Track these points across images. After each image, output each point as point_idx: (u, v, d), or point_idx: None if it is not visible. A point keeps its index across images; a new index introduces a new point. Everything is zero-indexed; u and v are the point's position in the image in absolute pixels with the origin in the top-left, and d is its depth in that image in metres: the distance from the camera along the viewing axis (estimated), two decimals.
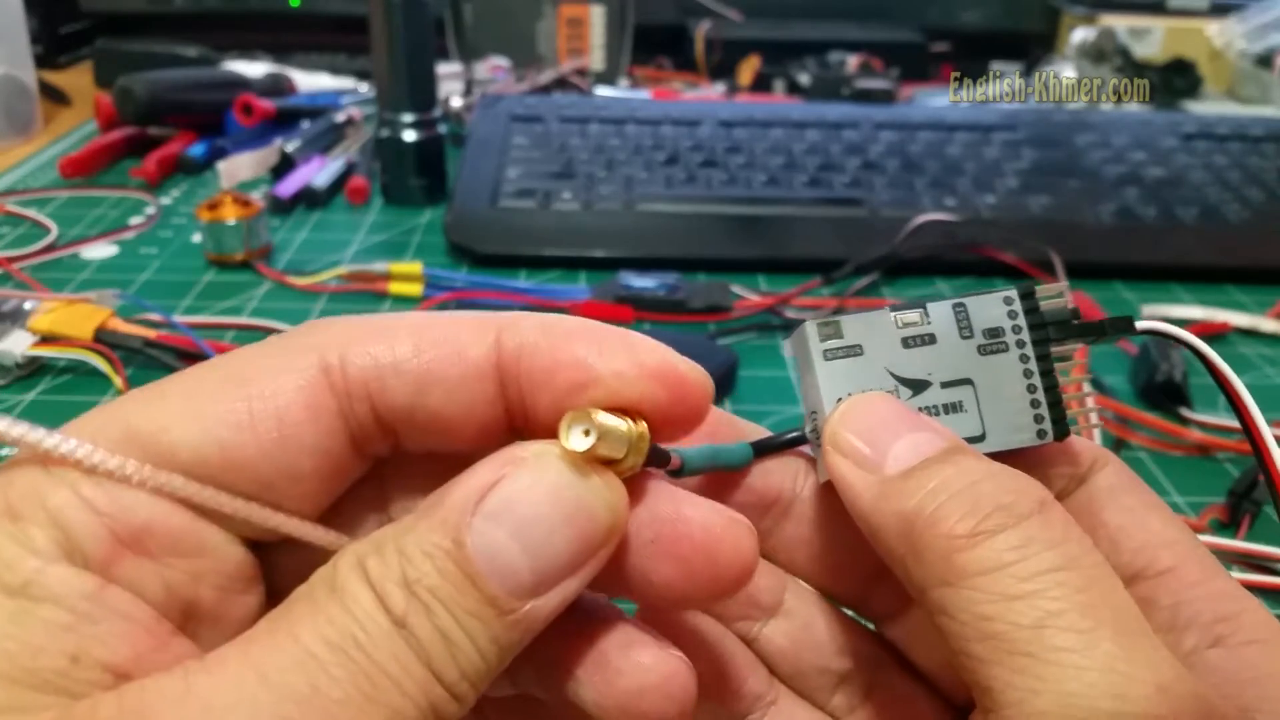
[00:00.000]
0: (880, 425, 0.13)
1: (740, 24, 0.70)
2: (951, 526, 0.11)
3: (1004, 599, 0.11)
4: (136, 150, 0.51)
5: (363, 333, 0.12)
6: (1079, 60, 0.63)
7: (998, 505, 0.11)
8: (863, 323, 0.14)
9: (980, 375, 0.14)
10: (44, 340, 0.31)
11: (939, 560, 0.11)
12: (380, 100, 0.45)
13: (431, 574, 0.11)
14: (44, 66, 0.64)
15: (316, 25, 0.70)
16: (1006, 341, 0.14)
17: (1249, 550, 0.24)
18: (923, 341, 0.14)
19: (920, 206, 0.42)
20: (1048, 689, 0.10)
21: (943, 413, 0.14)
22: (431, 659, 0.10)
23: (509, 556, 0.11)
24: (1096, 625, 0.11)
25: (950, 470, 0.12)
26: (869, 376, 0.14)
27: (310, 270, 0.39)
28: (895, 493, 0.12)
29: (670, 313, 0.36)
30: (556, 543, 0.11)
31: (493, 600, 0.11)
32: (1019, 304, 0.14)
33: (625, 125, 0.48)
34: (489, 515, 0.11)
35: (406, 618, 0.10)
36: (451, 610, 0.11)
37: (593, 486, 0.11)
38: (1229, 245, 0.41)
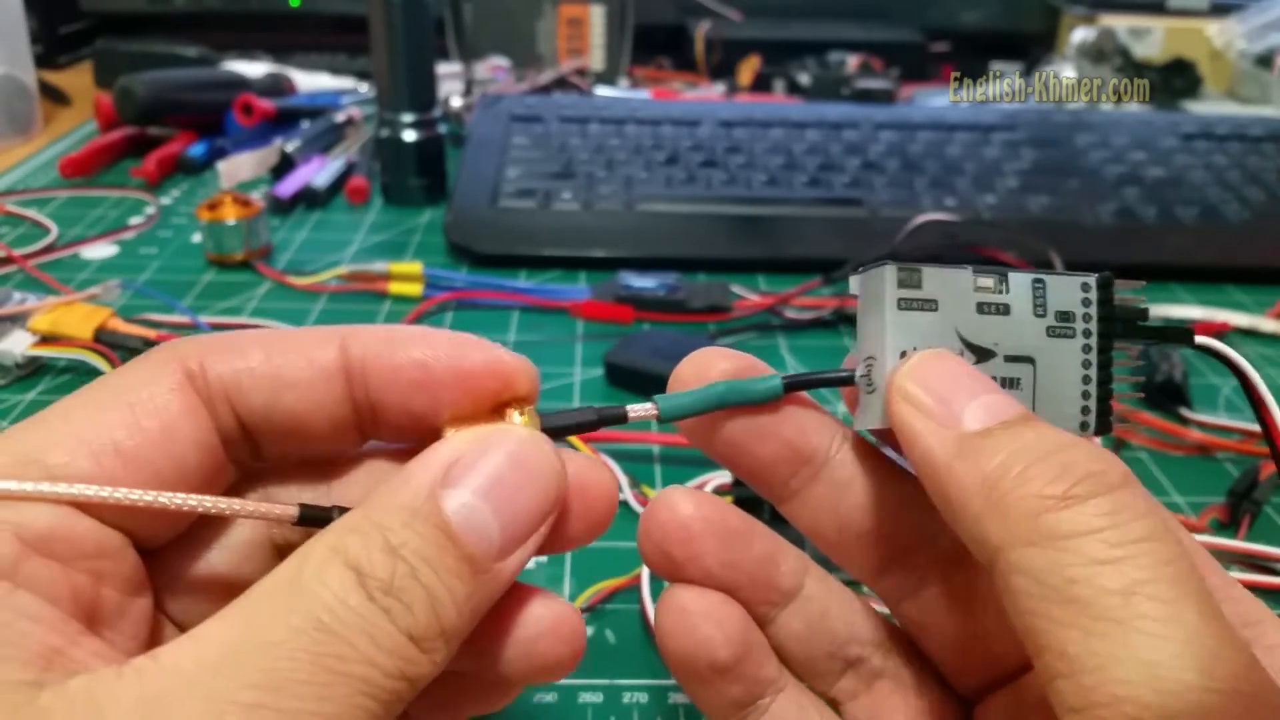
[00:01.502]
0: (954, 383, 0.13)
1: (740, 24, 0.70)
2: (1042, 488, 0.11)
3: (1094, 563, 0.11)
4: (136, 150, 0.51)
5: (217, 344, 0.13)
6: (1079, 60, 0.63)
7: (1088, 472, 0.11)
8: (942, 278, 0.13)
9: (1043, 356, 0.14)
10: (44, 340, 0.31)
11: (1024, 520, 0.11)
12: (380, 100, 0.45)
13: (413, 538, 0.11)
14: (44, 66, 0.64)
15: (316, 25, 0.70)
16: (1075, 328, 0.14)
17: (1249, 550, 0.24)
18: (997, 310, 0.13)
19: (920, 206, 0.42)
20: (1131, 656, 0.10)
21: (1000, 385, 0.13)
22: (413, 620, 0.11)
23: (481, 517, 0.12)
24: (1182, 597, 0.11)
25: (1033, 434, 0.12)
26: (937, 334, 0.13)
27: (310, 270, 0.39)
28: (975, 450, 0.12)
29: (670, 313, 0.36)
30: (520, 503, 0.12)
31: (470, 559, 0.11)
32: (1095, 292, 0.14)
33: (625, 125, 0.48)
34: (458, 482, 0.12)
35: (393, 581, 0.11)
36: (435, 569, 0.11)
37: (545, 452, 0.13)
38: (1229, 245, 0.41)
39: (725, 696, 0.14)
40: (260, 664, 0.10)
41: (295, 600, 0.11)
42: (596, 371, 0.32)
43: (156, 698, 0.10)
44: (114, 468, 0.12)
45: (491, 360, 0.13)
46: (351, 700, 0.10)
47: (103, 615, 0.12)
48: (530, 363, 0.14)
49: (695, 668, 0.14)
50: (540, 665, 0.13)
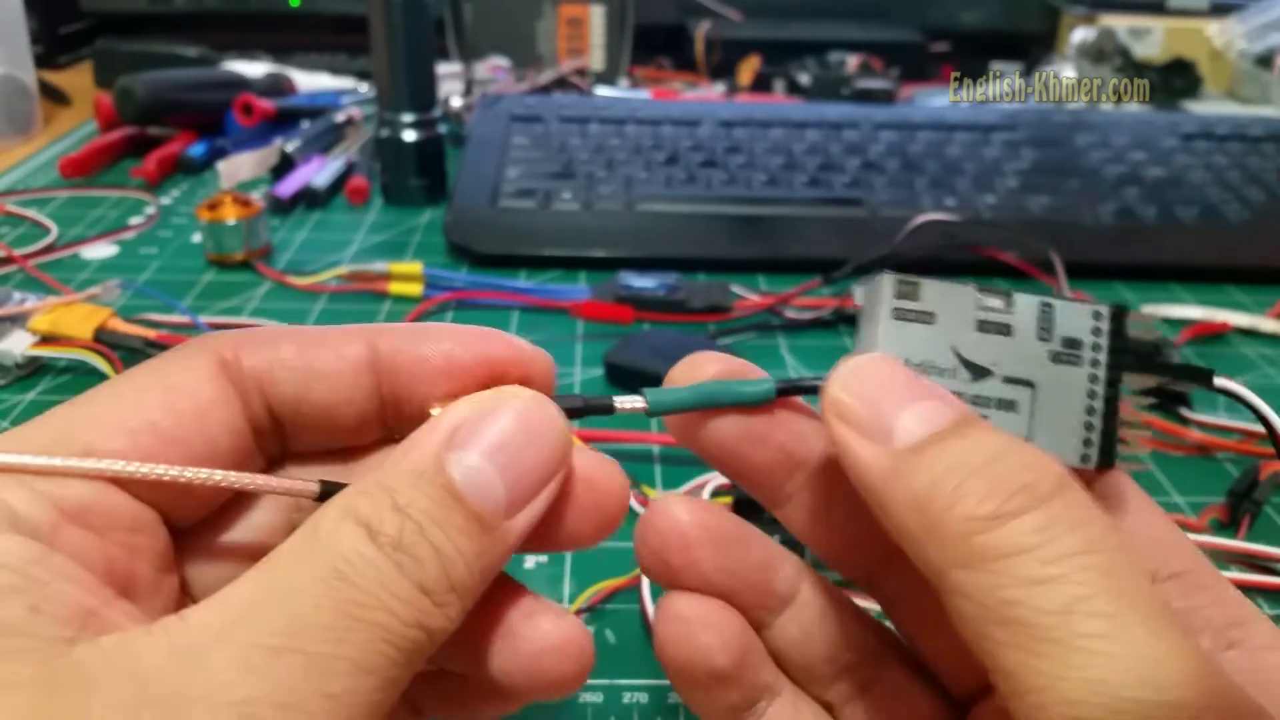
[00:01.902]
0: (885, 391, 0.12)
1: (740, 24, 0.70)
2: (972, 508, 0.11)
3: (1028, 583, 0.11)
4: (136, 150, 0.51)
5: (251, 336, 0.14)
6: (1079, 60, 0.63)
7: (1019, 485, 0.11)
8: (943, 292, 0.13)
9: (1044, 381, 0.13)
10: (44, 340, 0.31)
11: (958, 542, 0.11)
12: (380, 100, 0.45)
13: (420, 498, 0.12)
14: (44, 66, 0.64)
15: (316, 25, 0.70)
16: (1082, 356, 0.13)
17: (1249, 550, 0.24)
18: (998, 330, 0.13)
19: (920, 206, 0.42)
20: (1075, 675, 0.10)
21: (995, 408, 0.13)
22: (424, 574, 0.11)
23: (487, 477, 0.12)
24: (1124, 610, 0.10)
25: (965, 444, 0.12)
26: (932, 348, 0.13)
27: (310, 270, 0.39)
28: (907, 468, 0.12)
29: (670, 313, 0.36)
30: (526, 462, 0.12)
31: (477, 517, 0.12)
32: (1107, 322, 0.13)
33: (625, 125, 0.48)
34: (463, 444, 0.12)
35: (402, 537, 0.11)
36: (443, 528, 0.12)
37: (549, 413, 0.13)
38: (1229, 245, 0.41)
39: (723, 703, 0.14)
40: (284, 611, 0.11)
41: (313, 554, 0.11)
42: (596, 371, 0.32)
43: (188, 648, 0.10)
44: (149, 446, 0.12)
45: (513, 351, 0.14)
46: (371, 645, 0.11)
47: (134, 587, 0.12)
48: (547, 354, 0.14)
49: (694, 675, 0.14)
50: (544, 681, 0.13)
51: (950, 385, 0.13)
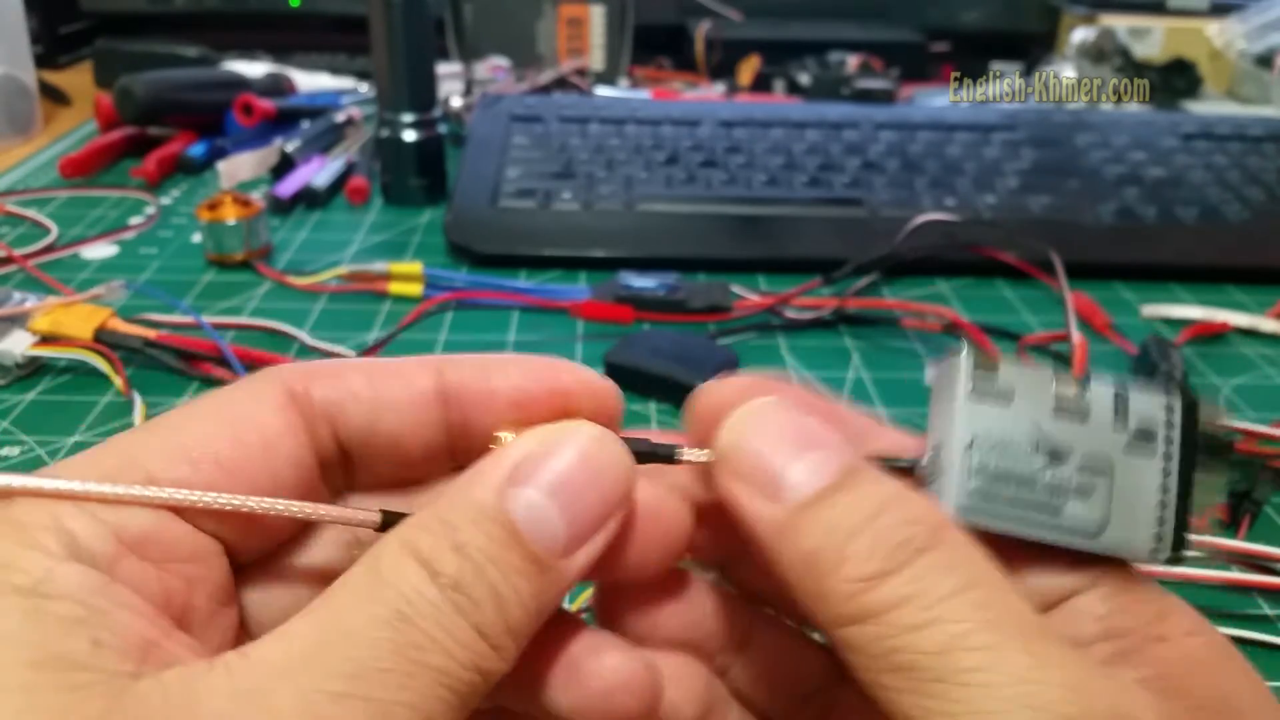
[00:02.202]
0: (775, 443, 0.13)
1: (740, 24, 0.70)
2: (855, 569, 0.11)
3: (910, 630, 0.11)
4: (136, 150, 0.51)
5: (321, 369, 0.14)
6: (1079, 60, 0.63)
7: (899, 540, 0.12)
8: (1019, 373, 0.13)
9: (1120, 470, 0.13)
10: (44, 340, 0.31)
11: (845, 601, 0.12)
12: (380, 100, 0.45)
13: (479, 536, 0.11)
14: (44, 66, 0.64)
15: (316, 25, 0.70)
16: (1155, 448, 0.13)
17: (1249, 550, 0.24)
18: (1074, 416, 0.13)
19: (920, 206, 0.42)
20: (963, 711, 0.11)
21: (1073, 495, 0.13)
22: (482, 617, 0.11)
23: (547, 516, 0.12)
24: (1003, 640, 0.11)
25: (849, 500, 0.12)
26: (1010, 429, 0.13)
27: (310, 270, 0.39)
28: (795, 529, 0.12)
29: (670, 313, 0.36)
30: (587, 500, 0.12)
31: (535, 557, 0.12)
32: (1179, 414, 0.13)
33: (625, 125, 0.48)
34: (525, 481, 0.12)
35: (461, 578, 0.11)
36: (500, 568, 0.11)
37: (614, 449, 0.13)
38: (1229, 245, 0.41)
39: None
40: (345, 654, 0.10)
41: (374, 591, 0.11)
42: None
43: (250, 690, 0.10)
44: (213, 477, 0.12)
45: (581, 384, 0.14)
46: (431, 690, 0.11)
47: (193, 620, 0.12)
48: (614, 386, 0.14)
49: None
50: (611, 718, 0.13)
51: (1025, 470, 0.13)
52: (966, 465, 0.13)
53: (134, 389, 0.30)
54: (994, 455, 0.13)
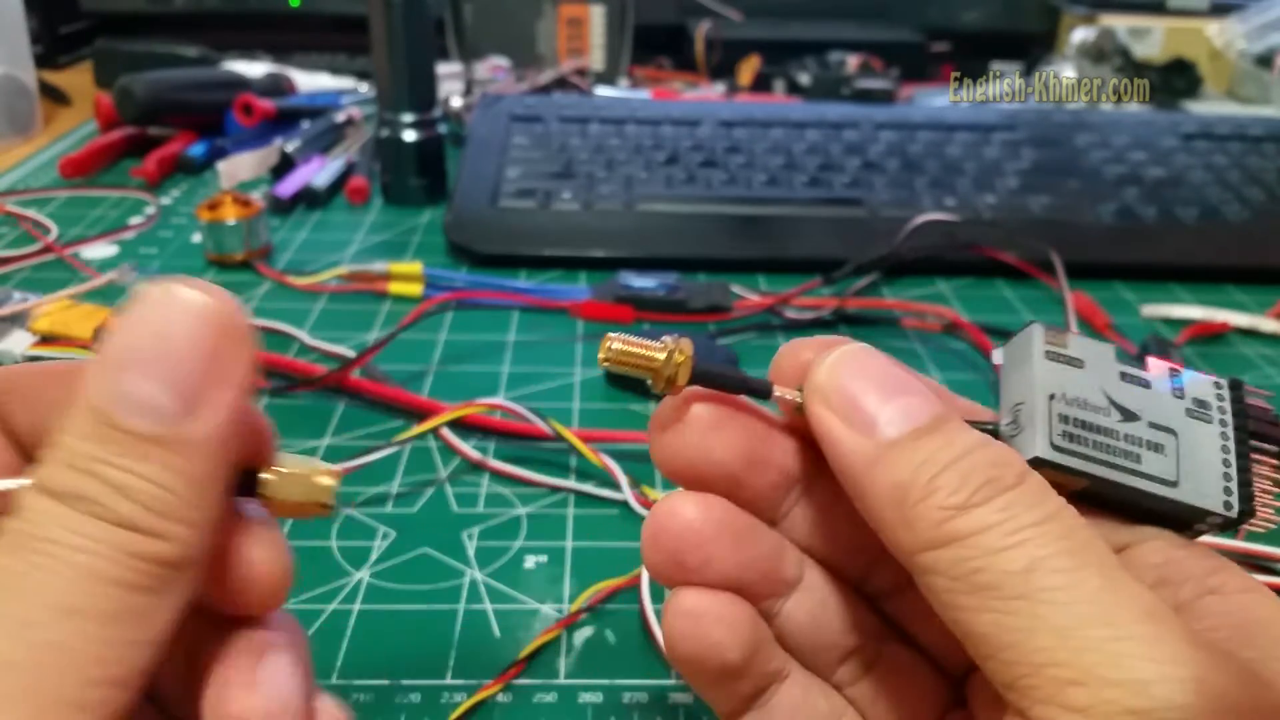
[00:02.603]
0: (870, 383, 0.13)
1: (740, 24, 0.70)
2: (944, 498, 0.12)
3: (993, 552, 0.12)
4: (136, 150, 0.51)
5: None
6: (1079, 60, 0.63)
7: (987, 478, 0.12)
8: (1086, 344, 0.14)
9: (1184, 431, 0.14)
10: (44, 340, 0.31)
11: (931, 529, 0.12)
12: (380, 100, 0.45)
13: (83, 446, 0.11)
14: (44, 66, 0.64)
15: (316, 25, 0.70)
16: (1212, 415, 0.14)
17: (1249, 550, 0.24)
18: (1138, 383, 0.14)
19: (920, 206, 0.42)
20: (1041, 626, 0.11)
21: (1145, 448, 0.14)
22: (116, 512, 0.11)
23: (140, 390, 0.11)
24: (1081, 565, 0.11)
25: (940, 440, 0.13)
26: (1084, 388, 0.14)
27: (310, 270, 0.39)
28: (889, 461, 0.12)
29: (670, 313, 0.36)
30: (178, 355, 0.11)
31: (144, 434, 0.11)
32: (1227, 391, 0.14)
33: (625, 125, 0.48)
34: (103, 371, 0.11)
35: (78, 487, 0.11)
36: (113, 463, 0.11)
37: (191, 298, 0.12)
38: (1229, 245, 0.41)
39: (736, 694, 0.15)
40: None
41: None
42: (596, 371, 0.32)
43: None
44: None
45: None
46: (61, 589, 0.10)
47: None
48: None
49: (707, 670, 0.14)
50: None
51: (1104, 423, 0.14)
52: (1051, 413, 0.14)
53: None
54: (1074, 408, 0.14)
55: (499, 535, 0.25)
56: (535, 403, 0.28)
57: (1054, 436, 0.13)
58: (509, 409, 0.27)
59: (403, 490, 0.26)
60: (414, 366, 0.32)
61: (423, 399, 0.30)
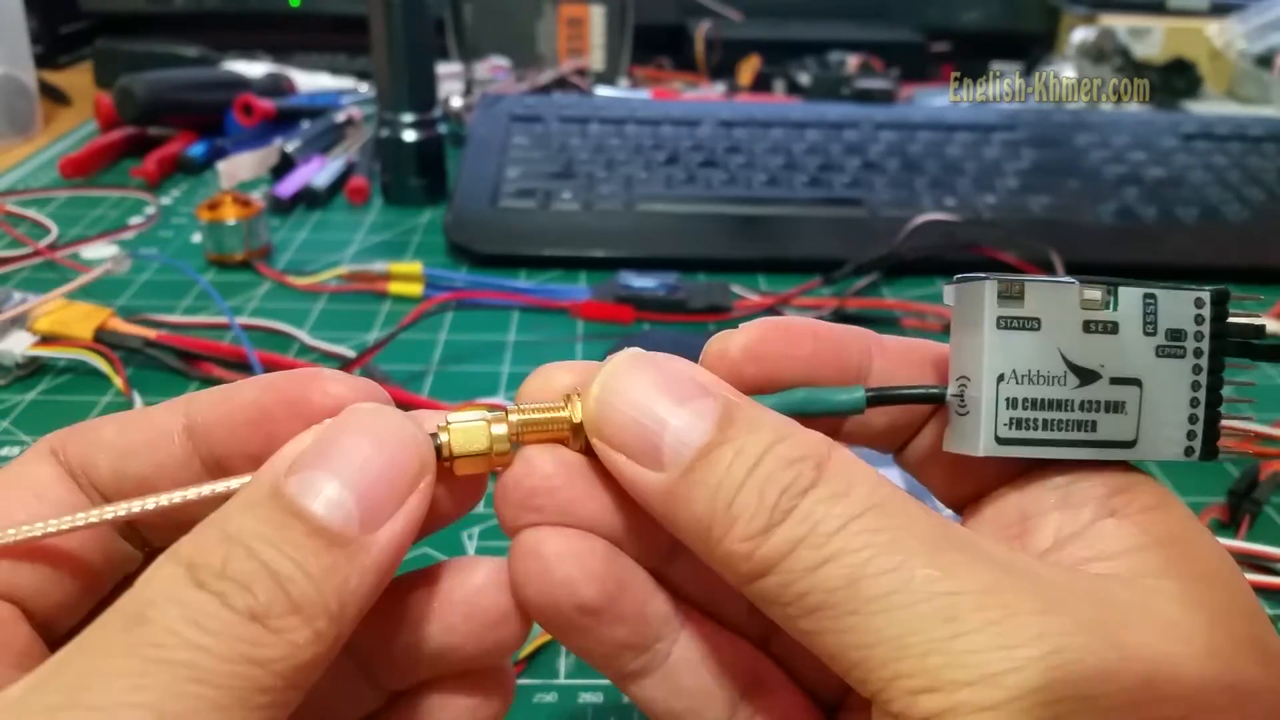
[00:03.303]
0: (648, 406, 0.12)
1: (740, 24, 0.70)
2: (746, 528, 0.11)
3: (809, 571, 0.11)
4: (136, 150, 0.51)
5: (78, 427, 0.14)
6: (1079, 60, 0.63)
7: (784, 485, 0.11)
8: (1045, 293, 0.13)
9: (1150, 377, 0.13)
10: (44, 340, 0.31)
11: (744, 562, 0.11)
12: (380, 100, 0.45)
13: (250, 520, 0.11)
14: (44, 66, 0.64)
15: (316, 25, 0.70)
16: (1185, 346, 0.13)
17: (1249, 550, 0.24)
18: (1103, 329, 0.13)
19: (920, 206, 0.42)
20: (881, 639, 0.10)
21: (1104, 410, 0.13)
22: (255, 598, 0.10)
23: (328, 490, 0.11)
24: (905, 558, 0.11)
25: (730, 453, 0.11)
26: (1039, 356, 0.13)
27: (310, 270, 0.39)
28: (684, 497, 0.12)
29: (670, 313, 0.36)
30: (374, 471, 0.11)
31: (322, 530, 0.11)
32: (1209, 309, 0.13)
33: (625, 125, 0.48)
34: (302, 465, 0.11)
35: (227, 565, 0.10)
36: (277, 545, 0.11)
37: (394, 421, 0.12)
38: (1228, 245, 0.41)
39: (609, 641, 0.13)
40: (74, 668, 0.10)
41: (124, 600, 0.10)
42: None
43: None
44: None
45: (336, 388, 0.13)
46: (176, 688, 0.10)
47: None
48: (374, 385, 0.13)
49: (561, 613, 0.13)
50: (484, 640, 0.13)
51: (1058, 395, 0.13)
52: (998, 399, 0.13)
53: (134, 389, 0.30)
54: (1025, 386, 0.13)
55: (499, 535, 0.25)
56: None
57: (999, 428, 0.13)
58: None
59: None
60: (414, 366, 0.32)
61: (423, 399, 0.30)
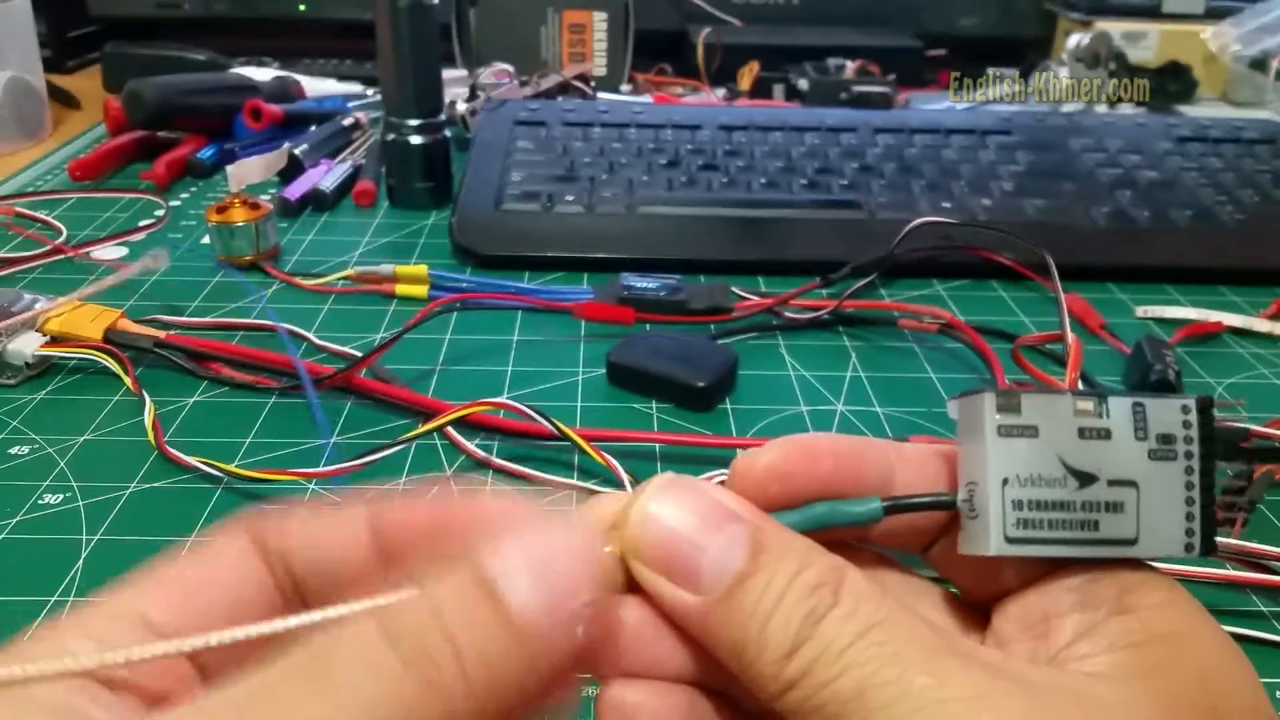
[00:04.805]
0: (685, 538, 0.13)
1: (740, 30, 0.71)
2: (775, 651, 0.12)
3: (824, 684, 0.12)
4: (146, 154, 0.51)
5: (274, 514, 0.14)
6: (1074, 64, 0.64)
7: (805, 614, 0.12)
8: (1041, 404, 0.14)
9: (1146, 480, 0.14)
10: (54, 341, 0.32)
11: (773, 681, 0.12)
12: (386, 105, 0.45)
13: (451, 595, 0.12)
14: (53, 70, 0.64)
15: (324, 31, 0.71)
16: (1176, 450, 0.14)
17: (1243, 548, 0.25)
18: (1098, 435, 0.14)
19: (917, 209, 0.42)
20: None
21: (1104, 510, 0.14)
22: (438, 671, 0.11)
23: (520, 576, 0.12)
24: (904, 669, 0.12)
25: (762, 581, 0.13)
26: (1038, 461, 0.14)
27: (318, 272, 0.39)
28: (720, 619, 0.13)
29: (671, 314, 0.36)
30: (559, 566, 0.12)
31: (507, 614, 0.11)
32: (1195, 415, 0.14)
33: (627, 129, 0.49)
34: (499, 551, 0.12)
35: (420, 631, 0.11)
36: (466, 622, 0.11)
37: (583, 536, 0.13)
38: (1222, 247, 0.42)
39: None
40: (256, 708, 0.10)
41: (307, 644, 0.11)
42: (598, 371, 0.32)
43: None
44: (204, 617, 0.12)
45: (503, 508, 0.14)
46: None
47: None
48: (526, 506, 0.14)
49: None
50: None
51: (1060, 497, 0.14)
52: (1004, 501, 0.13)
53: (144, 389, 0.30)
54: (1028, 489, 0.14)
55: None
56: (539, 402, 0.29)
57: (1008, 528, 0.13)
58: (513, 408, 0.28)
59: (409, 488, 0.27)
60: (420, 366, 0.33)
61: (428, 398, 0.30)
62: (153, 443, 0.28)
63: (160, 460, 0.28)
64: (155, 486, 0.27)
